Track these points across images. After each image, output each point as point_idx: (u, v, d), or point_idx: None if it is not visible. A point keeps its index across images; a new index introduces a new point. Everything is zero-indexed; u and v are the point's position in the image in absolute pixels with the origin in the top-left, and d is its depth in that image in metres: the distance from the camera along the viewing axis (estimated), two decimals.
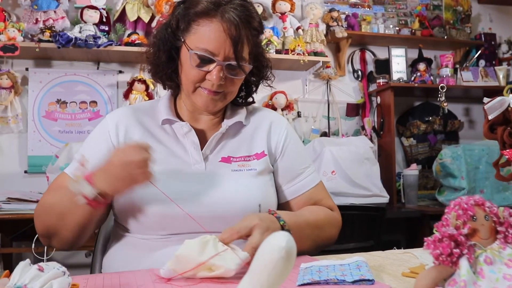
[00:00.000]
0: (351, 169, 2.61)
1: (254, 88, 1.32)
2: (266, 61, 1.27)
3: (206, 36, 1.09)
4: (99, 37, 2.60)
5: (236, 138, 1.26)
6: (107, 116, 1.25)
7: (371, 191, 2.59)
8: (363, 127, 3.20)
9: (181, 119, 1.24)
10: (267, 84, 1.33)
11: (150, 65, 1.25)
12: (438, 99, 3.01)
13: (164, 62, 1.20)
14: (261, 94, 2.81)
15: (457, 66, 3.30)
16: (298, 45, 2.86)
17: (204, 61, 1.11)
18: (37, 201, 2.30)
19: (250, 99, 1.34)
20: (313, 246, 1.20)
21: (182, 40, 1.14)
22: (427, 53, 3.26)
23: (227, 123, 1.24)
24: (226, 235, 0.93)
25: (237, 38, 1.09)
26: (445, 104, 2.99)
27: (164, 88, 1.28)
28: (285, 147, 1.28)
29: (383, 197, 2.61)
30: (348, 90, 3.26)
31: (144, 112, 1.26)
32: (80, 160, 1.03)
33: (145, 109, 1.27)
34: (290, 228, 1.04)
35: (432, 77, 3.12)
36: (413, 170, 2.88)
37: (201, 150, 1.19)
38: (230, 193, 1.14)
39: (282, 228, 1.04)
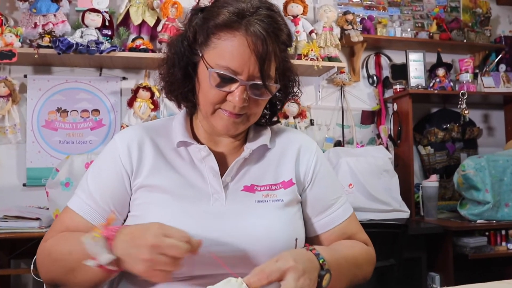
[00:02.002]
0: (369, 182, 2.47)
1: (280, 106, 1.17)
2: (294, 76, 1.12)
3: (227, 52, 0.95)
4: (102, 43, 2.45)
5: (260, 164, 1.11)
6: (115, 137, 1.09)
7: (391, 205, 2.44)
8: (378, 135, 3.05)
9: (198, 141, 1.09)
10: (293, 101, 1.18)
11: (163, 82, 1.10)
12: (459, 106, 2.86)
13: (179, 80, 1.05)
14: None
15: (477, 71, 3.14)
16: (312, 50, 2.70)
17: (225, 80, 0.96)
18: (36, 219, 2.17)
19: (275, 118, 1.19)
20: (348, 286, 1.06)
21: (200, 55, 0.99)
22: (444, 57, 3.11)
23: (250, 146, 1.09)
24: (254, 278, 0.80)
25: (264, 54, 0.94)
26: (466, 112, 2.84)
27: (179, 107, 1.13)
28: (315, 175, 1.13)
29: (404, 212, 2.46)
30: (362, 96, 3.10)
31: (157, 132, 1.11)
32: (108, 217, 0.88)
33: (158, 128, 1.12)
34: (330, 267, 0.90)
35: (451, 83, 2.97)
36: (433, 182, 2.73)
37: (221, 177, 1.04)
38: (255, 229, 0.99)
39: (322, 267, 0.90)
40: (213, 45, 0.96)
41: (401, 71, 3.02)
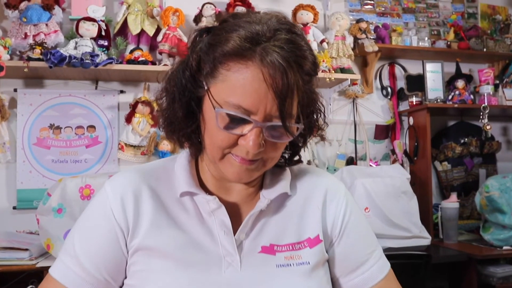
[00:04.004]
0: (386, 205, 2.28)
1: (302, 142, 0.98)
2: (319, 106, 0.93)
3: (239, 86, 0.76)
4: (97, 55, 2.26)
5: (280, 216, 0.92)
6: (106, 187, 0.90)
7: (411, 231, 2.25)
8: (393, 151, 2.86)
9: (205, 188, 0.91)
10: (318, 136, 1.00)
11: (162, 119, 0.91)
12: (480, 120, 2.67)
13: (180, 119, 0.86)
14: None
15: (497, 81, 2.95)
16: (323, 61, 2.52)
17: (236, 121, 0.77)
18: (26, 250, 1.99)
19: (296, 157, 1.00)
20: None
21: (206, 88, 0.80)
22: (461, 66, 2.92)
23: (267, 195, 0.91)
24: None
25: (284, 90, 0.75)
26: (488, 127, 2.66)
27: (181, 148, 0.94)
28: (344, 226, 0.95)
29: (424, 239, 2.28)
30: (376, 109, 2.91)
31: (156, 178, 0.92)
32: None
33: (157, 174, 0.93)
34: None
35: (472, 96, 2.78)
36: (453, 203, 2.54)
37: (234, 233, 0.86)
38: None
39: None
40: (221, 77, 0.78)
41: (417, 82, 2.83)
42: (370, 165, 2.78)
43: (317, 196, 0.96)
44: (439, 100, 2.72)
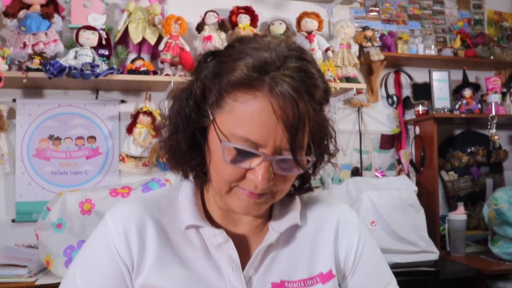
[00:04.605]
0: (393, 219, 2.23)
1: (312, 171, 0.93)
2: (331, 133, 0.87)
3: (246, 118, 0.71)
4: (98, 65, 2.21)
5: (290, 248, 0.88)
6: (107, 219, 0.85)
7: (418, 246, 2.20)
8: (398, 161, 2.81)
9: (211, 220, 0.86)
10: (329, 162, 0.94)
11: (165, 149, 0.86)
12: (488, 130, 2.62)
13: (185, 150, 0.81)
14: None
15: (504, 89, 2.90)
16: (328, 70, 2.46)
17: (244, 154, 0.73)
18: (25, 266, 1.94)
19: (307, 185, 0.95)
20: None
21: (211, 117, 0.75)
22: (467, 74, 2.88)
23: (276, 227, 0.87)
24: None
25: (295, 122, 0.70)
26: (496, 137, 2.60)
27: (186, 178, 0.89)
28: (358, 259, 0.91)
29: (432, 253, 2.22)
30: (381, 118, 2.86)
31: (160, 209, 0.87)
32: None
33: (160, 204, 0.88)
34: None
35: (479, 105, 2.73)
36: (461, 215, 2.49)
37: (242, 269, 0.82)
38: None
39: None
40: (227, 108, 0.73)
41: (423, 91, 2.78)
42: (376, 175, 2.73)
43: (329, 227, 0.92)
44: (446, 110, 2.66)
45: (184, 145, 0.81)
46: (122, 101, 2.51)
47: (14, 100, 2.38)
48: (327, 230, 0.91)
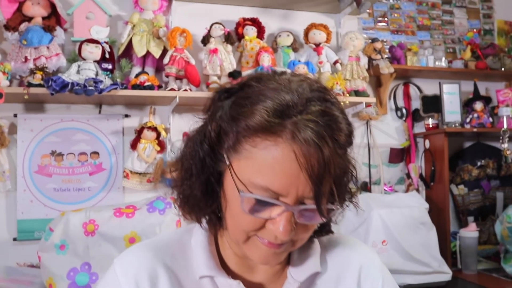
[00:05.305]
0: (404, 238, 2.18)
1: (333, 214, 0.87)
2: (352, 172, 0.82)
3: (267, 166, 0.66)
4: (101, 81, 2.15)
5: None
6: (116, 269, 0.79)
7: (431, 266, 2.14)
8: (408, 175, 2.75)
9: (226, 268, 0.81)
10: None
11: (177, 195, 0.81)
12: (500, 145, 2.57)
13: (199, 198, 0.76)
14: None
15: None
16: (337, 83, 2.40)
17: (264, 203, 0.67)
18: None
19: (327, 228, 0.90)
20: None
21: (227, 162, 0.70)
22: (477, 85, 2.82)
23: (296, 275, 0.82)
24: None
25: (321, 172, 0.65)
26: (508, 152, 2.55)
27: (198, 223, 0.84)
28: None
29: (445, 274, 2.17)
30: (390, 131, 2.80)
31: (172, 256, 0.82)
32: None
33: (172, 249, 0.83)
34: None
35: (490, 118, 2.67)
36: (472, 232, 2.44)
37: None
38: None
39: None
40: (245, 153, 0.68)
41: (433, 103, 2.72)
42: (384, 190, 2.68)
43: (351, 273, 0.87)
44: (457, 124, 2.60)
45: (199, 192, 0.76)
46: (126, 116, 2.45)
47: (15, 115, 2.31)
48: (349, 277, 0.87)
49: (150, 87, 2.25)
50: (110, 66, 2.29)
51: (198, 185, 0.75)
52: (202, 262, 0.79)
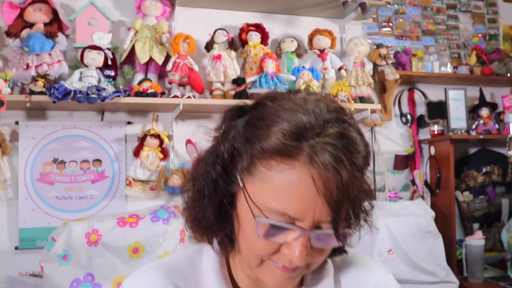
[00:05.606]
0: (411, 247, 2.16)
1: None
2: (367, 192, 0.79)
3: (283, 190, 0.63)
4: (104, 88, 2.12)
5: None
6: None
7: (437, 276, 2.12)
8: (413, 182, 2.73)
9: None
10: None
11: (188, 217, 0.78)
12: (507, 151, 2.54)
13: (212, 221, 0.73)
14: None
15: None
16: (341, 90, 2.38)
17: (279, 228, 0.65)
18: None
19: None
20: None
21: (241, 185, 0.68)
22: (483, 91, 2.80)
23: None
24: None
25: (339, 196, 0.63)
26: None
27: (210, 243, 0.81)
28: None
29: (451, 284, 2.15)
30: (395, 137, 2.78)
31: (183, 277, 0.79)
32: None
33: (183, 271, 0.80)
34: None
35: (496, 124, 2.64)
36: (479, 240, 2.41)
37: None
38: None
39: None
40: (260, 176, 0.65)
41: (438, 109, 2.70)
42: (389, 197, 2.65)
43: None
44: (463, 131, 2.58)
45: (212, 215, 0.73)
46: (129, 123, 2.42)
47: (17, 123, 2.29)
48: None
49: (153, 94, 2.22)
50: (112, 73, 2.27)
51: (211, 208, 0.72)
52: (212, 282, 0.77)
